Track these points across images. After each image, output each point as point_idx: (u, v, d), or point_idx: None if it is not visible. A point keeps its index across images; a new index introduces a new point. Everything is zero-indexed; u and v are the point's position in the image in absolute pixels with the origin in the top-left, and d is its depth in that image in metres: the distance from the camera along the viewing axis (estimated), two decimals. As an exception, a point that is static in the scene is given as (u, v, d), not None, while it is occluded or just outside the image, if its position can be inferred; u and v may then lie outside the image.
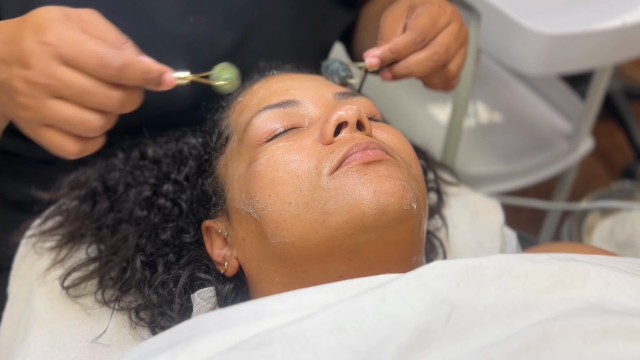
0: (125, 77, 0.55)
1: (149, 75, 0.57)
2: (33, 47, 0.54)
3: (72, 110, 0.55)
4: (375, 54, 0.71)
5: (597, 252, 0.68)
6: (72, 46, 0.53)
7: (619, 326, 0.46)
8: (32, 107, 0.55)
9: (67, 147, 0.57)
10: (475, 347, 0.46)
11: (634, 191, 1.50)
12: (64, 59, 0.54)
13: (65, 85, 0.54)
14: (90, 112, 0.56)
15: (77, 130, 0.56)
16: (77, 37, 0.54)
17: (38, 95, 0.55)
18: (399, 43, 0.70)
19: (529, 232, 1.31)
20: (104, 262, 0.71)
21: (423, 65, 0.71)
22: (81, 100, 0.55)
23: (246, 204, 0.62)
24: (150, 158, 0.79)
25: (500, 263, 0.52)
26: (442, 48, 0.71)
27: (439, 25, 0.71)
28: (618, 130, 2.10)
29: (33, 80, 0.54)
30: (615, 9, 1.05)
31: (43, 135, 0.57)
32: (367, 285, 0.51)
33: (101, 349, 0.67)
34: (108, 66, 0.54)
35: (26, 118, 0.57)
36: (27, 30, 0.55)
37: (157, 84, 0.58)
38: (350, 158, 0.59)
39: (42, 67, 0.54)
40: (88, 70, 0.54)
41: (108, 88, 0.55)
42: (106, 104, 0.55)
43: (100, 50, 0.54)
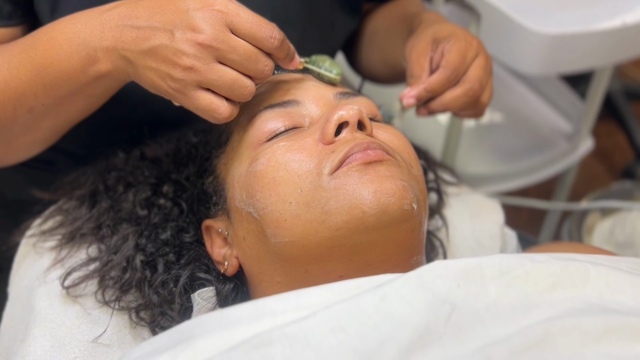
0: (281, 50, 0.62)
1: (290, 51, 0.64)
2: (202, 13, 0.58)
3: (235, 74, 0.60)
4: (412, 94, 0.74)
5: (597, 252, 0.68)
6: (242, 17, 0.59)
7: (619, 326, 0.46)
8: (197, 69, 0.59)
9: (221, 109, 0.62)
10: (476, 346, 0.46)
11: (634, 191, 1.50)
12: (234, 27, 0.59)
13: (234, 50, 0.59)
14: (247, 78, 0.61)
15: (236, 94, 0.61)
16: (242, 9, 0.60)
17: (206, 58, 0.59)
18: (434, 82, 0.73)
19: (529, 232, 1.31)
20: (104, 262, 0.71)
21: (459, 101, 0.74)
22: (244, 65, 0.60)
23: (247, 203, 0.62)
24: (150, 158, 0.79)
25: (501, 263, 0.52)
26: (477, 84, 0.74)
27: (468, 60, 0.74)
28: (618, 130, 2.10)
29: (205, 43, 0.58)
30: (615, 9, 1.05)
31: (200, 96, 0.61)
32: (368, 285, 0.51)
33: (101, 349, 0.67)
34: (275, 37, 0.60)
35: (185, 80, 0.60)
36: (190, 2, 0.59)
37: (290, 61, 0.65)
38: (351, 158, 0.59)
39: (215, 32, 0.58)
40: (256, 40, 0.60)
41: (267, 57, 0.62)
42: (263, 71, 0.61)
43: (267, 22, 0.60)
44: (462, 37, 0.74)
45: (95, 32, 0.63)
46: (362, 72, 1.01)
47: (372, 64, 0.97)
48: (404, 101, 0.75)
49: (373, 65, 0.97)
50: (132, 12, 0.62)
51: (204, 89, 0.61)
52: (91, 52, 0.63)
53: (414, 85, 0.75)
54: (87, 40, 0.63)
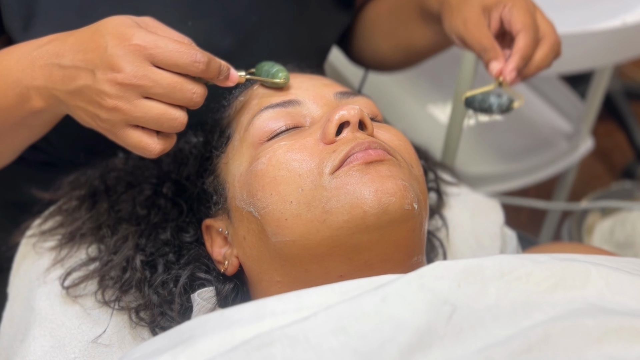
0: (208, 71, 0.60)
1: (222, 70, 0.62)
2: (120, 51, 0.57)
3: (162, 108, 0.59)
4: (512, 67, 0.72)
5: (597, 252, 0.68)
6: (161, 47, 0.57)
7: (620, 326, 0.46)
8: (121, 108, 0.58)
9: (152, 146, 0.61)
10: (477, 347, 0.46)
11: (634, 191, 1.50)
12: (154, 59, 0.58)
13: (157, 84, 0.58)
14: (177, 109, 0.60)
15: (165, 127, 0.60)
16: (161, 37, 0.58)
17: (129, 96, 0.58)
18: (524, 48, 0.71)
19: (529, 232, 1.31)
20: (104, 262, 0.71)
21: (549, 58, 0.73)
22: (170, 97, 0.59)
23: (247, 202, 0.62)
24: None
25: (501, 263, 0.52)
26: (554, 34, 0.73)
27: (532, 12, 0.72)
28: (618, 130, 2.10)
29: (125, 82, 0.57)
30: (615, 9, 1.05)
31: (128, 135, 0.60)
32: (368, 285, 0.51)
33: (101, 349, 0.67)
34: (199, 61, 0.58)
35: (112, 120, 0.60)
36: (108, 39, 0.58)
37: (225, 79, 0.64)
38: (352, 157, 0.59)
39: (134, 68, 0.57)
40: (179, 68, 0.58)
41: (194, 84, 0.60)
42: (192, 99, 0.60)
43: (189, 48, 0.58)
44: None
45: (26, 70, 0.63)
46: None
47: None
48: (508, 77, 0.72)
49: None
50: (60, 49, 0.61)
51: (133, 126, 0.60)
52: (24, 90, 0.64)
53: (500, 59, 0.72)
54: (20, 78, 0.63)
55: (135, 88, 0.57)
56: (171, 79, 0.58)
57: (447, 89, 1.43)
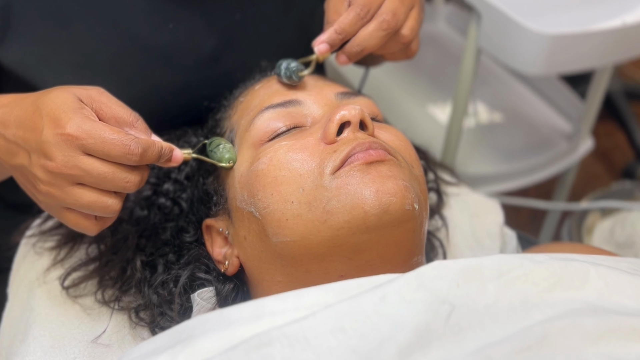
0: (145, 160, 0.59)
1: (162, 153, 0.61)
2: (53, 139, 0.56)
3: (93, 196, 0.58)
4: (323, 39, 0.69)
5: (597, 252, 0.68)
6: (94, 137, 0.56)
7: (619, 326, 0.46)
8: (53, 195, 0.58)
9: (88, 229, 0.61)
10: (475, 347, 0.46)
11: (634, 191, 1.50)
12: (86, 149, 0.57)
13: (88, 173, 0.57)
14: (110, 196, 0.59)
15: (98, 213, 0.60)
16: (96, 126, 0.57)
17: (60, 184, 0.58)
18: (343, 22, 0.68)
19: (529, 232, 1.31)
20: (104, 262, 0.71)
21: (374, 37, 0.68)
22: (102, 185, 0.58)
23: (248, 202, 0.62)
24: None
25: (500, 263, 0.52)
26: (389, 14, 0.68)
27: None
28: (618, 130, 2.10)
29: (55, 171, 0.57)
30: (615, 9, 1.05)
31: (64, 216, 0.61)
32: (367, 285, 0.51)
33: (101, 349, 0.67)
34: (132, 153, 0.57)
35: (47, 202, 0.60)
36: (45, 121, 0.57)
37: (168, 161, 0.62)
38: (353, 158, 0.59)
39: (64, 158, 0.56)
40: (112, 159, 0.57)
41: (128, 172, 0.59)
42: (125, 188, 0.59)
43: (123, 139, 0.57)
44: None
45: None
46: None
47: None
48: (316, 48, 0.69)
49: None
50: (6, 119, 0.61)
51: (68, 208, 0.60)
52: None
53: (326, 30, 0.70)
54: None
55: (66, 177, 0.57)
56: (102, 169, 0.57)
57: (447, 89, 1.43)
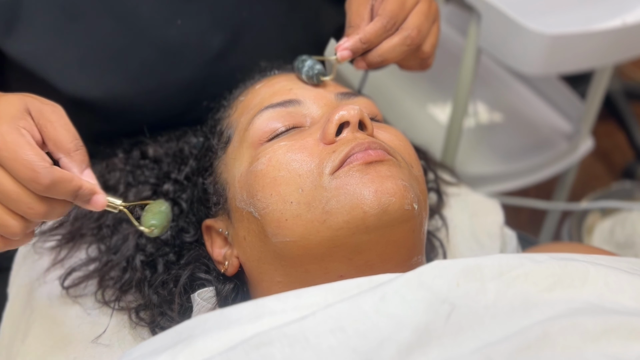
0: (53, 193, 0.54)
1: (79, 193, 0.56)
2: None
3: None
4: (346, 46, 0.70)
5: (597, 252, 0.68)
6: (9, 151, 0.52)
7: (618, 325, 0.46)
8: None
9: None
10: (475, 346, 0.46)
11: (634, 191, 1.50)
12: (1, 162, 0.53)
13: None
14: (12, 217, 0.54)
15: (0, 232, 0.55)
16: (18, 142, 0.53)
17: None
18: (369, 32, 0.69)
19: (529, 232, 1.31)
20: (104, 262, 0.71)
21: (397, 50, 0.70)
22: (6, 203, 0.54)
23: (247, 203, 0.62)
24: (150, 157, 0.79)
25: (500, 262, 0.52)
26: (414, 31, 0.69)
27: (407, 7, 0.70)
28: (618, 130, 2.10)
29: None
30: (615, 9, 1.05)
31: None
32: (367, 285, 0.51)
33: (101, 349, 0.67)
34: (37, 181, 0.52)
35: None
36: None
37: (86, 203, 0.57)
38: (352, 158, 0.59)
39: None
40: (19, 179, 0.53)
41: (34, 199, 0.54)
42: (27, 214, 0.54)
43: (36, 162, 0.52)
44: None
45: None
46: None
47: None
48: (338, 54, 0.70)
49: None
50: None
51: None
52: None
53: (350, 36, 0.70)
54: None
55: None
56: (10, 186, 0.53)
57: (447, 89, 1.43)
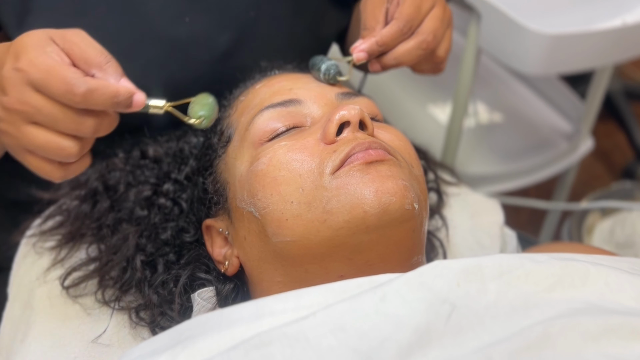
0: (92, 103, 0.53)
1: (117, 99, 0.54)
2: (9, 73, 0.53)
3: (48, 136, 0.54)
4: (363, 48, 0.71)
5: (597, 252, 0.68)
6: (40, 72, 0.52)
7: (619, 326, 0.46)
8: (11, 134, 0.55)
9: (50, 174, 0.57)
10: (476, 346, 0.46)
11: (634, 191, 1.50)
12: (35, 85, 0.53)
13: (39, 111, 0.53)
14: (65, 138, 0.54)
15: (54, 156, 0.55)
16: (48, 62, 0.53)
17: (15, 122, 0.54)
18: (386, 35, 0.70)
19: (529, 232, 1.31)
20: (104, 262, 0.71)
21: (412, 54, 0.71)
22: (55, 126, 0.54)
23: (248, 202, 0.62)
24: (150, 157, 0.79)
25: (501, 263, 0.52)
26: (430, 35, 0.70)
27: (423, 11, 0.71)
28: (618, 130, 2.10)
29: (9, 107, 0.53)
30: (615, 9, 1.05)
31: (27, 160, 0.57)
32: (368, 285, 0.51)
33: (101, 348, 0.67)
34: (73, 92, 0.52)
35: (9, 144, 0.57)
36: (9, 56, 0.54)
37: (126, 107, 0.56)
38: (353, 158, 0.59)
39: (16, 93, 0.53)
40: (55, 97, 0.53)
41: (78, 114, 0.54)
42: (79, 130, 0.54)
43: (68, 75, 0.52)
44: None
45: None
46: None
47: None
48: (354, 55, 0.71)
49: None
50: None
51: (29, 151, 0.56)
52: None
53: (366, 38, 0.71)
54: None
55: (20, 113, 0.54)
56: (51, 107, 0.53)
57: (447, 89, 1.43)
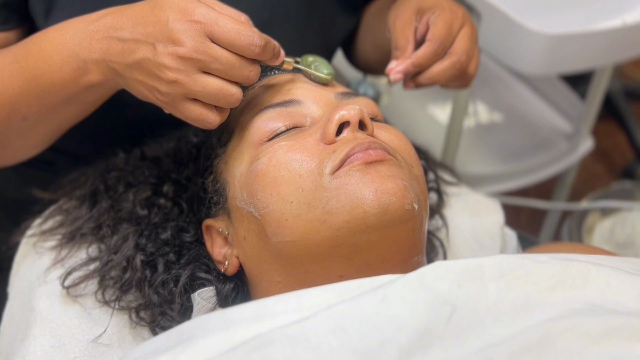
0: (265, 53, 0.61)
1: (276, 50, 0.63)
2: (182, 26, 0.58)
3: (220, 83, 0.60)
4: (399, 69, 0.73)
5: (597, 252, 0.68)
6: (220, 26, 0.58)
7: (620, 326, 0.46)
8: (181, 82, 0.59)
9: (211, 119, 0.62)
10: (477, 347, 0.46)
11: (634, 191, 1.50)
12: (214, 36, 0.58)
13: (216, 60, 0.59)
14: (234, 85, 0.61)
15: (222, 102, 0.61)
16: (221, 16, 0.59)
17: (188, 70, 0.59)
18: (421, 56, 0.72)
19: (529, 232, 1.31)
20: (105, 262, 0.71)
21: (446, 74, 0.73)
22: (228, 74, 0.60)
23: (247, 202, 0.62)
24: (150, 157, 0.79)
25: (502, 263, 0.52)
26: (463, 56, 0.73)
27: (454, 31, 0.73)
28: (618, 130, 2.10)
29: (185, 56, 0.58)
30: (615, 9, 1.05)
31: (187, 108, 0.62)
32: (368, 285, 0.51)
33: (101, 348, 0.67)
34: (256, 44, 0.59)
35: (172, 93, 0.60)
36: (169, 12, 0.59)
37: (275, 58, 0.64)
38: (352, 158, 0.59)
39: (194, 43, 0.58)
40: (236, 49, 0.59)
41: (250, 63, 0.61)
42: (249, 77, 0.61)
43: (247, 30, 0.59)
44: (447, 8, 0.73)
45: (83, 44, 0.63)
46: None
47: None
48: (391, 76, 0.73)
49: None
50: (117, 22, 0.62)
51: (191, 99, 0.61)
52: (81, 64, 0.64)
53: (400, 60, 0.73)
54: (77, 52, 0.64)
55: (195, 62, 0.58)
56: (229, 56, 0.59)
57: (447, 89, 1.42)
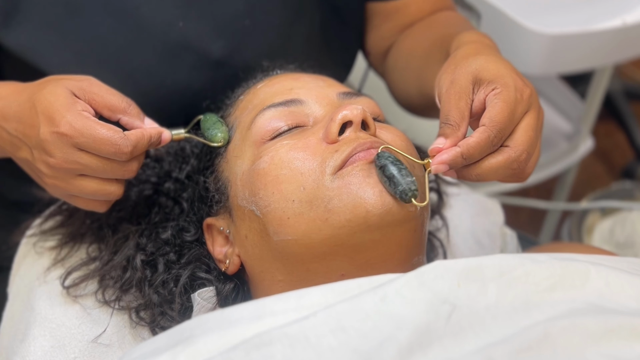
0: (135, 153, 0.63)
1: (151, 141, 0.65)
2: (50, 137, 0.61)
3: (95, 185, 0.63)
4: (444, 159, 0.58)
5: (597, 252, 0.68)
6: (85, 136, 0.60)
7: (619, 326, 0.46)
8: (59, 186, 0.64)
9: (97, 208, 0.67)
10: (476, 347, 0.46)
11: (634, 191, 1.51)
12: (81, 147, 0.61)
13: (87, 167, 0.62)
14: (111, 184, 0.64)
15: (103, 199, 0.65)
16: (87, 124, 0.60)
17: (63, 176, 0.63)
18: (473, 147, 0.57)
19: (529, 232, 1.31)
20: (105, 262, 0.71)
21: (499, 173, 0.59)
22: (103, 175, 0.63)
23: (249, 201, 0.62)
24: (151, 156, 0.79)
25: (501, 263, 0.52)
26: (523, 154, 0.58)
27: (516, 118, 0.59)
28: (618, 130, 2.10)
29: (57, 167, 0.61)
30: (615, 9, 1.05)
31: (73, 202, 0.67)
32: (368, 285, 0.51)
33: (101, 348, 0.67)
34: (121, 151, 0.61)
35: (55, 192, 0.66)
36: (41, 119, 0.61)
37: (157, 144, 0.66)
38: (355, 157, 0.59)
39: (63, 155, 0.61)
40: (104, 156, 0.61)
41: (123, 164, 0.63)
42: (125, 175, 0.64)
43: (113, 137, 0.60)
44: (511, 85, 0.59)
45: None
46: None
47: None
48: (433, 167, 0.58)
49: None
50: (6, 113, 0.65)
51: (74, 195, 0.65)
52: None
53: (449, 141, 0.59)
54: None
55: (68, 170, 0.62)
56: (99, 163, 0.62)
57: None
